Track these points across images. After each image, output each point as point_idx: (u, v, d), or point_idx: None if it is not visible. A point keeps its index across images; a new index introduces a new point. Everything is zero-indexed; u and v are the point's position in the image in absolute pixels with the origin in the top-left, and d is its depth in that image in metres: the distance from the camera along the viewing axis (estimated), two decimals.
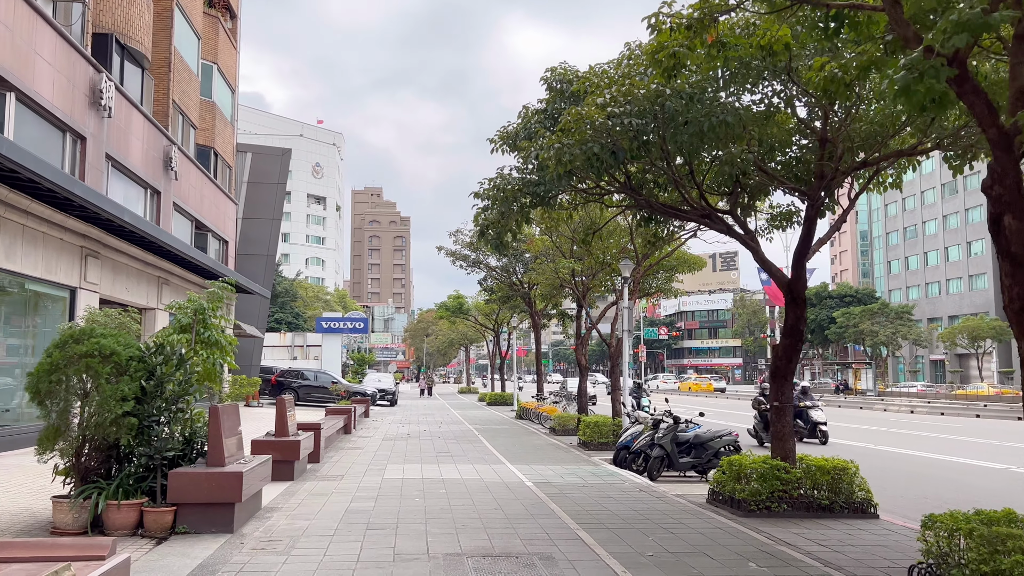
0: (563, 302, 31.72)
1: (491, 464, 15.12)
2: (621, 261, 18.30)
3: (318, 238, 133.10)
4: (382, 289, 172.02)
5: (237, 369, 9.60)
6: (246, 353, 36.45)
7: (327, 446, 17.72)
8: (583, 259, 20.13)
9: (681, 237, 18.28)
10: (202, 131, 27.29)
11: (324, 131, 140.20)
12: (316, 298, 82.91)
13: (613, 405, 19.53)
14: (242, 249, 36.68)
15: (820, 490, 10.07)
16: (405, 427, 25.05)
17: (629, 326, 17.91)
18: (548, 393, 28.92)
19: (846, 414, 37.77)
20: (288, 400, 13.08)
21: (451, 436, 21.75)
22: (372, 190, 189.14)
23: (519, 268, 30.24)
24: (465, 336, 65.35)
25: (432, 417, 30.70)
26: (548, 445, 19.50)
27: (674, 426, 14.48)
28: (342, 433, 21.65)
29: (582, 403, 23.28)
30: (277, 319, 70.22)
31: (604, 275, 18.74)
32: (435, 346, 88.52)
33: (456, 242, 31.67)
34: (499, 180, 10.76)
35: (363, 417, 29.04)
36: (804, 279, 10.59)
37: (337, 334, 56.14)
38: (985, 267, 75.64)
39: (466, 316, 48.12)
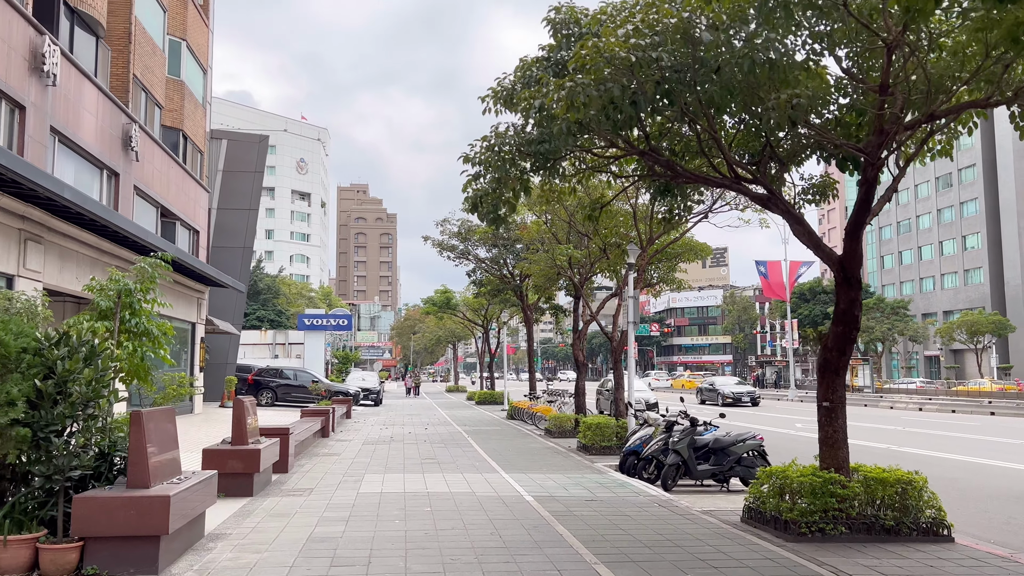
0: (557, 295, 29.98)
1: (483, 473, 13.35)
2: (628, 244, 16.60)
3: (303, 235, 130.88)
4: (368, 287, 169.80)
5: (174, 365, 7.76)
6: (221, 351, 34.53)
7: (299, 453, 15.92)
8: (585, 243, 18.41)
9: (691, 217, 16.60)
10: (169, 112, 25.36)
11: (309, 126, 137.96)
12: (300, 295, 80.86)
13: (616, 406, 17.79)
14: (217, 241, 34.73)
15: (882, 508, 8.36)
16: (388, 429, 23.24)
17: (635, 318, 16.19)
18: (541, 392, 27.19)
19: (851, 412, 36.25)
20: (248, 402, 11.26)
21: (438, 439, 19.97)
22: (358, 187, 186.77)
23: (510, 259, 28.48)
24: (453, 333, 63.55)
25: (418, 418, 28.90)
26: (545, 449, 17.75)
27: (691, 429, 12.76)
28: (318, 437, 19.84)
29: (580, 402, 21.55)
30: (259, 316, 68.28)
31: (613, 257, 16.97)
32: (422, 344, 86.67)
33: (443, 232, 29.91)
34: (494, 139, 8.99)
35: (344, 418, 27.21)
36: (860, 254, 8.90)
37: (320, 332, 54.29)
38: (980, 261, 74.49)
39: (454, 311, 46.28)
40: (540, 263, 22.49)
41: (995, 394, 47.16)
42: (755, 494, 9.10)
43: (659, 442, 13.11)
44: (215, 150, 35.11)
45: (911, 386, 58.33)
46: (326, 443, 18.73)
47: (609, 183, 11.71)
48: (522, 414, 26.46)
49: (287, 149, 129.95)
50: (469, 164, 9.55)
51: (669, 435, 13.19)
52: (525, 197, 9.71)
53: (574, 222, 18.95)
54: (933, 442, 21.27)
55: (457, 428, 23.80)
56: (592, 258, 20.58)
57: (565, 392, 25.16)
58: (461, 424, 25.59)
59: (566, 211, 18.87)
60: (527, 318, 28.76)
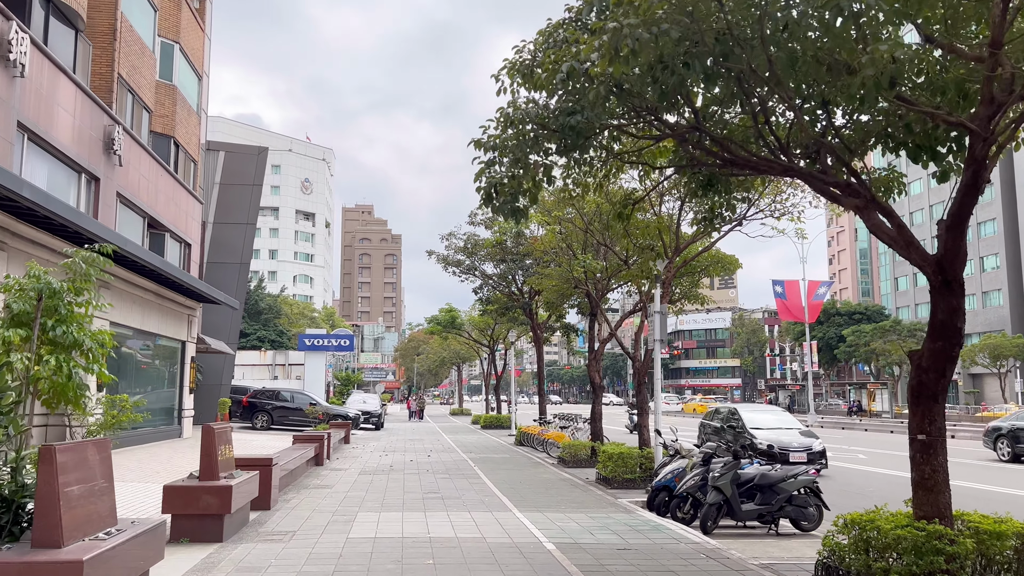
0: (567, 314, 28.37)
1: (494, 512, 11.65)
2: (654, 256, 15.00)
3: (307, 255, 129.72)
4: (372, 308, 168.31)
5: (111, 383, 6.10)
6: (215, 371, 32.95)
7: (287, 484, 14.25)
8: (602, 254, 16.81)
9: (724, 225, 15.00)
10: (159, 117, 23.93)
11: (313, 146, 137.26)
12: (302, 315, 79.32)
13: (639, 433, 16.09)
14: (213, 257, 33.29)
15: (1000, 571, 6.66)
16: (388, 456, 21.54)
17: (662, 335, 14.54)
18: (552, 416, 25.47)
19: (881, 440, 34.34)
20: (220, 430, 9.62)
21: (442, 468, 18.27)
22: (363, 207, 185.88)
23: (519, 275, 26.88)
24: (457, 354, 61.77)
25: (421, 443, 27.18)
26: (559, 481, 16.04)
27: (734, 463, 11.07)
28: (311, 465, 18.15)
29: (596, 428, 19.84)
30: (260, 337, 66.84)
31: (642, 262, 15.32)
32: (426, 365, 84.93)
33: (449, 246, 28.35)
34: (513, 112, 7.41)
35: (341, 444, 25.53)
36: (964, 252, 7.29)
37: (321, 352, 52.71)
38: (1000, 283, 72.64)
39: (459, 331, 44.60)
40: (553, 278, 20.89)
41: None
42: (831, 547, 7.40)
43: (696, 477, 11.43)
44: (212, 162, 33.75)
45: None
46: (319, 473, 17.04)
47: (643, 177, 10.11)
48: (532, 440, 24.74)
49: (292, 169, 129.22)
50: (481, 150, 7.98)
51: (707, 469, 11.51)
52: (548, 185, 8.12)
53: (591, 231, 17.36)
54: (1014, 478, 19.41)
55: (462, 455, 22.09)
56: (610, 271, 18.99)
57: (579, 417, 23.46)
58: (467, 451, 23.87)
59: (583, 219, 17.30)
60: (537, 337, 27.09)
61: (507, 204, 7.59)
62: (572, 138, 7.13)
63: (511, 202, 7.57)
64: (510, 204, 7.58)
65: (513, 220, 7.77)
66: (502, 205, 7.62)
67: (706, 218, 10.38)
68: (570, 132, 7.06)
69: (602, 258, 18.30)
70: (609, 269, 18.44)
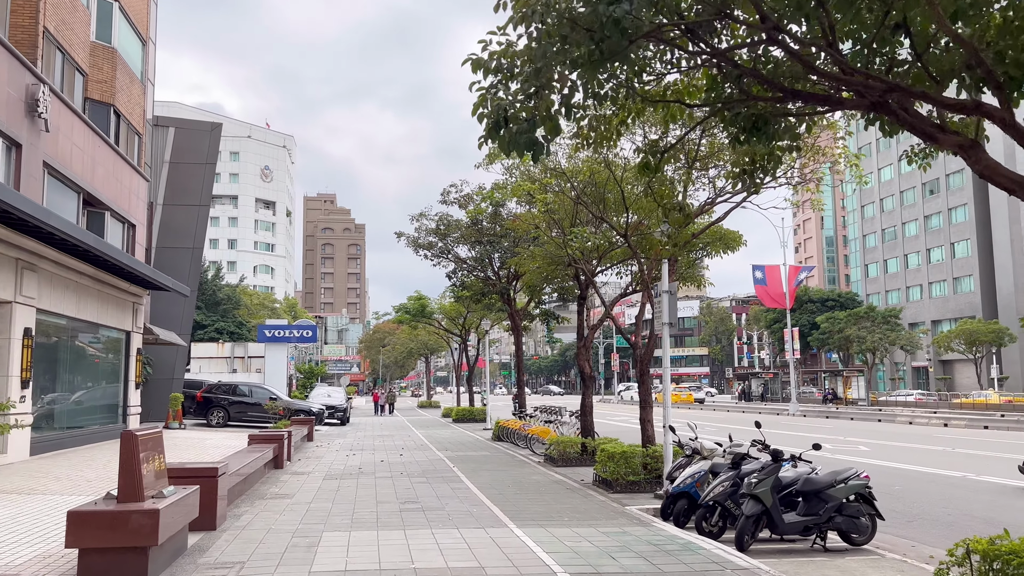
0: (547, 300, 26.50)
1: (487, 528, 9.75)
2: (659, 228, 13.18)
3: (267, 245, 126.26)
4: (336, 299, 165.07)
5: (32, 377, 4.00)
6: (167, 365, 30.52)
7: (240, 494, 12.20)
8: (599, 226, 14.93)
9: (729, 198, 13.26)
10: (97, 83, 21.52)
11: (274, 133, 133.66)
12: (262, 306, 76.53)
13: (643, 429, 14.28)
14: (163, 241, 30.80)
15: None
16: (356, 456, 19.53)
17: (672, 318, 12.72)
18: (534, 409, 23.62)
19: (875, 430, 33.06)
20: (146, 436, 7.57)
21: (418, 470, 16.31)
22: (325, 196, 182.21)
23: (496, 257, 24.95)
24: (425, 345, 59.70)
25: (391, 440, 25.17)
26: (552, 484, 14.18)
27: (774, 466, 9.29)
28: (270, 469, 16.10)
29: (586, 423, 18.01)
30: (218, 329, 64.15)
31: (654, 229, 13.40)
32: (392, 357, 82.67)
33: (419, 228, 26.29)
34: (534, 3, 5.45)
35: (304, 442, 23.45)
36: None
37: (282, 344, 50.42)
38: (971, 269, 72.41)
39: (429, 320, 42.49)
40: (537, 258, 19.00)
41: (1006, 406, 44.50)
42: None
43: (725, 483, 9.64)
44: (160, 139, 31.22)
45: (909, 398, 55.62)
46: (278, 478, 14.98)
47: (670, 118, 8.18)
48: (512, 435, 22.88)
49: (251, 156, 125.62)
50: (481, 72, 6.03)
51: (738, 473, 9.74)
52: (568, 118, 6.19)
53: (583, 202, 15.47)
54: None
55: (438, 454, 20.15)
56: (601, 249, 17.15)
57: (563, 410, 21.65)
58: (441, 448, 21.93)
59: (573, 188, 15.40)
60: (515, 325, 25.18)
61: (522, 135, 5.65)
62: (614, 34, 5.19)
63: (528, 131, 5.64)
64: (526, 134, 5.64)
65: (530, 155, 5.82)
66: (515, 136, 5.68)
67: (745, 171, 8.52)
68: (612, 28, 5.14)
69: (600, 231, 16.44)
70: (600, 248, 16.59)
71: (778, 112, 7.98)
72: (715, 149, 12.51)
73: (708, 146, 12.45)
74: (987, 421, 33.20)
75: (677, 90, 8.10)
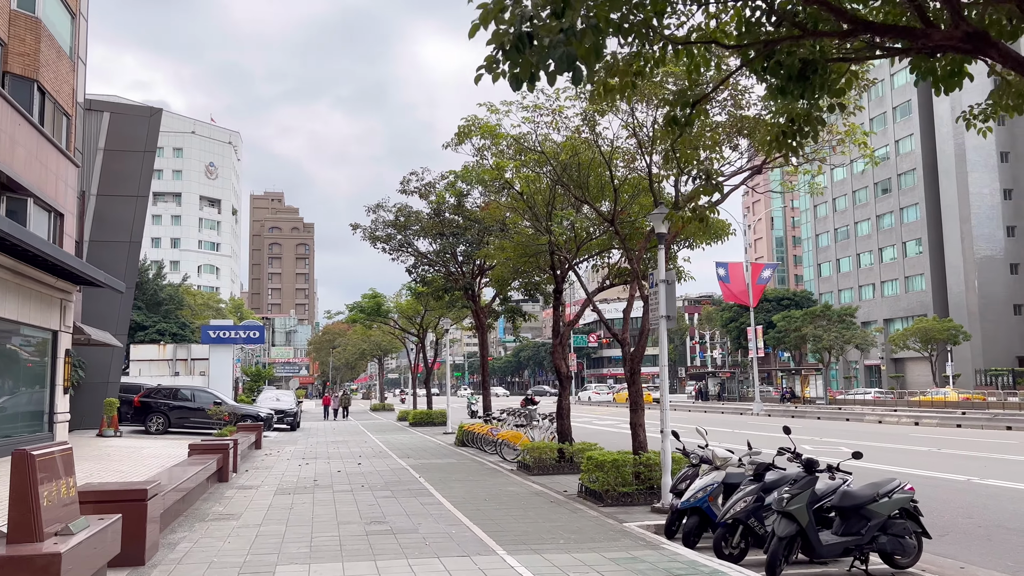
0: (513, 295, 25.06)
1: (471, 554, 8.26)
2: (651, 212, 11.85)
3: (212, 244, 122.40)
4: (283, 300, 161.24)
5: None
6: (101, 367, 28.33)
7: (176, 516, 10.49)
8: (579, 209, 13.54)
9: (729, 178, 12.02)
10: (18, 55, 19.42)
11: (219, 129, 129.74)
12: (207, 306, 73.64)
13: (634, 434, 12.91)
14: (97, 234, 28.59)
15: None
16: (310, 465, 17.83)
17: (670, 310, 11.39)
18: (500, 412, 22.13)
19: (845, 429, 32.33)
20: (47, 457, 5.91)
21: (380, 482, 14.71)
22: (272, 195, 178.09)
23: (459, 251, 23.43)
24: (379, 346, 57.71)
25: (346, 446, 23.46)
26: (534, 496, 12.74)
27: (809, 479, 7.97)
28: (213, 482, 14.36)
29: (563, 427, 16.61)
30: (160, 330, 61.38)
31: (647, 205, 11.92)
32: (343, 359, 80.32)
33: (376, 220, 24.62)
34: None
35: (252, 450, 21.63)
36: None
37: (228, 345, 48.00)
38: (922, 268, 73.12)
39: (385, 319, 40.65)
40: (507, 250, 17.56)
41: (964, 404, 44.52)
42: None
43: (748, 498, 8.32)
44: (94, 124, 28.97)
45: (867, 397, 55.58)
46: (223, 494, 13.25)
47: (695, 68, 6.78)
48: (478, 440, 21.38)
49: (195, 153, 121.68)
50: None
51: (763, 485, 8.43)
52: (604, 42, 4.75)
53: (563, 183, 14.05)
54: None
55: (399, 462, 18.55)
56: (580, 239, 15.79)
57: (534, 411, 20.22)
58: (402, 455, 20.32)
59: (554, 170, 13.99)
60: (480, 323, 23.67)
61: (558, 48, 4.17)
62: None
63: (564, 43, 4.16)
64: (563, 47, 4.16)
65: (570, 76, 4.34)
66: (548, 50, 4.20)
67: (784, 132, 7.17)
68: None
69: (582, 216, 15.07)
70: (581, 235, 15.23)
71: (832, 56, 6.70)
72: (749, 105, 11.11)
73: (739, 105, 11.09)
74: (952, 419, 32.77)
75: (703, 36, 6.75)
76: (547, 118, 14.14)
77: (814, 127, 7.36)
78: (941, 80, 6.77)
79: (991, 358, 66.13)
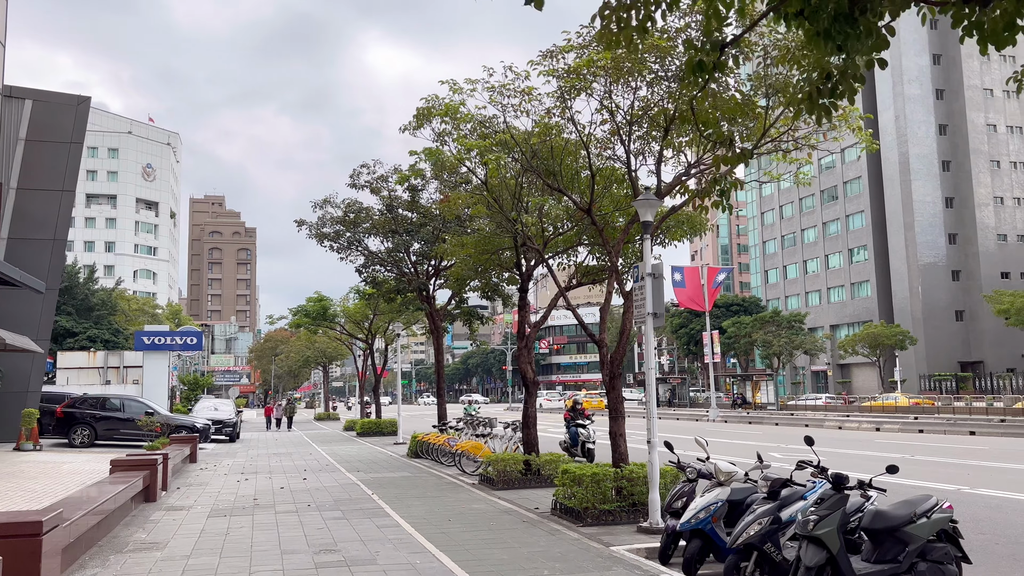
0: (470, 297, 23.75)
1: None
2: (639, 198, 10.72)
3: (149, 248, 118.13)
4: (224, 306, 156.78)
5: None
6: (19, 375, 26.09)
7: (89, 546, 8.93)
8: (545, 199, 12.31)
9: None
10: None
11: (157, 130, 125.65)
12: (142, 311, 70.54)
13: (614, 445, 11.69)
14: (16, 231, 26.42)
15: None
16: (250, 481, 16.23)
17: (657, 307, 10.24)
18: (457, 420, 20.75)
19: (810, 434, 31.71)
20: None
21: (328, 500, 13.24)
22: (213, 198, 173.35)
23: (413, 250, 22.04)
24: (324, 353, 55.65)
25: (289, 459, 21.82)
26: (503, 515, 11.44)
27: (838, 496, 6.84)
28: (139, 502, 12.73)
29: (529, 436, 15.34)
30: (91, 336, 58.41)
31: (621, 195, 10.72)
32: (285, 366, 77.78)
33: (324, 217, 23.08)
34: None
35: (186, 464, 19.89)
36: None
37: (163, 352, 45.56)
38: (868, 275, 73.99)
39: (331, 324, 38.84)
40: (468, 246, 16.29)
41: (915, 408, 44.66)
42: None
43: (763, 519, 7.15)
44: (13, 112, 26.81)
45: (818, 402, 55.62)
46: (148, 516, 11.65)
47: (707, 20, 5.65)
48: (434, 451, 19.99)
49: (132, 154, 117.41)
50: None
51: (780, 505, 7.30)
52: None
53: (534, 169, 12.82)
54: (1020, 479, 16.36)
55: (349, 476, 17.05)
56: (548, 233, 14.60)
57: (495, 420, 18.91)
58: (352, 468, 18.81)
59: (524, 155, 12.74)
60: (435, 326, 22.27)
61: None
62: None
63: None
64: None
65: None
66: None
67: (819, 90, 6.05)
68: None
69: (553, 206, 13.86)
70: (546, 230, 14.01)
71: None
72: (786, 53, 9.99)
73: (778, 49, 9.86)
74: (913, 424, 32.45)
75: None
76: (515, 100, 12.93)
77: (850, 85, 6.24)
78: (991, 37, 5.71)
79: (934, 363, 67.07)
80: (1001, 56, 73.66)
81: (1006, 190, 71.98)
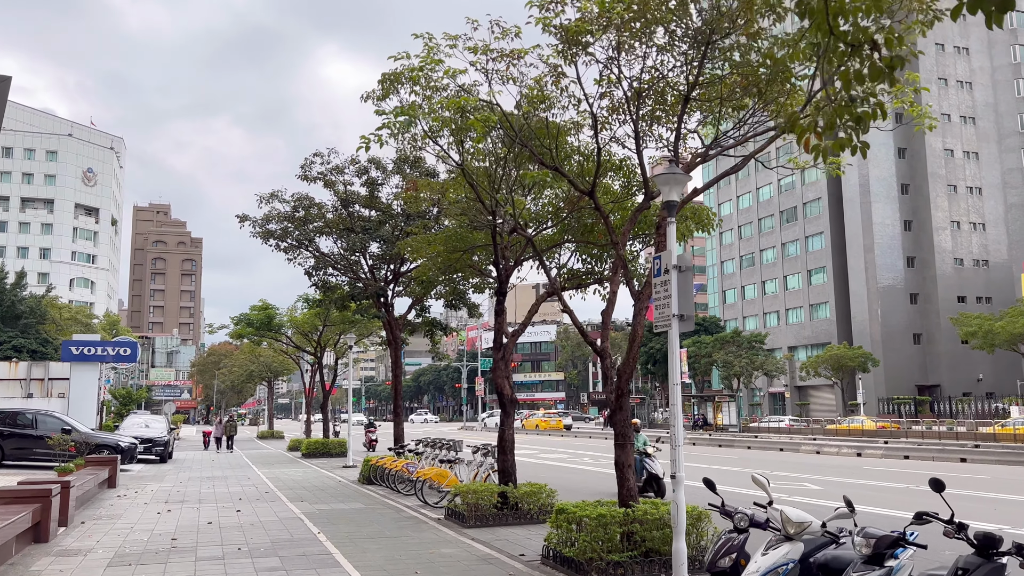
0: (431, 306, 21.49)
1: None
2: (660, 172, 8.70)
3: (88, 256, 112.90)
4: (166, 318, 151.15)
5: None
6: None
7: None
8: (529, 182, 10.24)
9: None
10: None
11: (99, 133, 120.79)
12: (75, 320, 66.53)
13: (621, 478, 9.54)
14: None
15: None
16: (173, 514, 13.70)
17: (685, 308, 8.22)
18: (416, 443, 18.38)
19: (786, 461, 30.00)
20: None
21: (265, 541, 10.85)
22: (158, 207, 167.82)
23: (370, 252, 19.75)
24: (269, 367, 52.59)
25: (224, 484, 19.24)
26: (481, 564, 9.22)
27: (989, 567, 4.81)
28: (25, 544, 10.20)
29: (506, 464, 13.09)
30: (16, 346, 54.73)
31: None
32: (228, 381, 74.13)
33: (271, 212, 20.65)
34: None
35: (104, 488, 17.25)
36: None
37: (94, 363, 42.01)
38: (827, 296, 73.48)
39: (276, 335, 36.07)
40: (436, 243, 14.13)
41: (882, 432, 43.49)
42: None
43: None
44: None
45: (781, 424, 54.33)
46: (30, 565, 9.14)
47: None
48: (388, 477, 17.64)
49: (71, 157, 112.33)
50: None
51: (888, 572, 5.28)
52: None
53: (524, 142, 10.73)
54: None
55: (291, 508, 14.61)
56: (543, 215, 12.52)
57: (459, 444, 16.63)
58: (295, 497, 16.35)
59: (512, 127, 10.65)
60: (394, 337, 19.95)
61: None
62: None
63: None
64: None
65: None
66: None
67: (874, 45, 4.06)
68: None
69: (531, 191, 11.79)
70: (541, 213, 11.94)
71: None
72: None
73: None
74: (898, 450, 30.94)
75: None
76: (500, 65, 10.84)
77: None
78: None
79: (893, 386, 66.60)
80: (957, 82, 74.31)
81: (963, 215, 72.29)
